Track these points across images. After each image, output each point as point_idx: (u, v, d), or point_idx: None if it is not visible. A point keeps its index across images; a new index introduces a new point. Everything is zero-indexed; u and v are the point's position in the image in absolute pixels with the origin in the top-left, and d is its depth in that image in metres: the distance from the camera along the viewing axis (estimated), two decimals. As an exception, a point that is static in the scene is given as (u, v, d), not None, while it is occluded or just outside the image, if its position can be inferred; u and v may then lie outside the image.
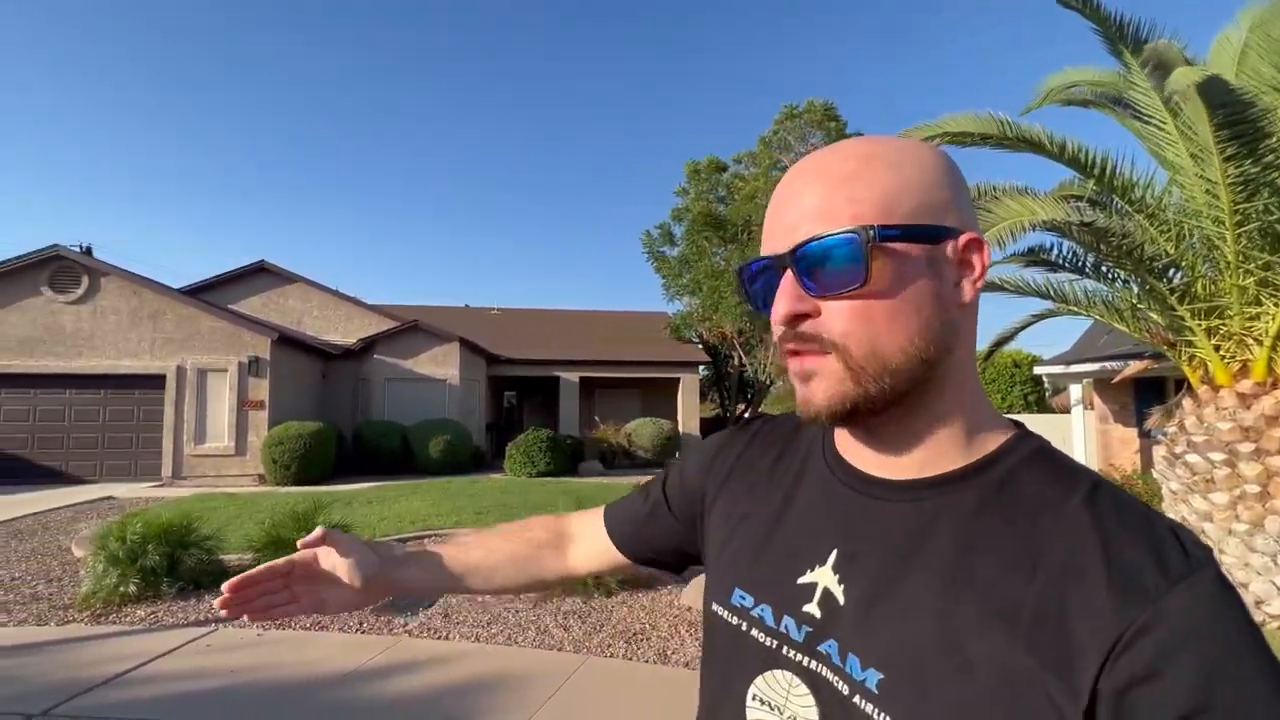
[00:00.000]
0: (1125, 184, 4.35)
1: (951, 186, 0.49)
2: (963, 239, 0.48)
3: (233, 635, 4.14)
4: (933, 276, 0.48)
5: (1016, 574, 0.44)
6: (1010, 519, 0.46)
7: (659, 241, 20.75)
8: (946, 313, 0.48)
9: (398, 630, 4.26)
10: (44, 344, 11.67)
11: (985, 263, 0.48)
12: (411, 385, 15.05)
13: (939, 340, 0.48)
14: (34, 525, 7.60)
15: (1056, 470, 0.48)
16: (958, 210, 0.49)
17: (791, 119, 15.81)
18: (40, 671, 3.58)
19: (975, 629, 0.43)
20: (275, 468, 11.42)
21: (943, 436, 0.50)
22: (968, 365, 0.50)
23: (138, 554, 4.74)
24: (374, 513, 8.08)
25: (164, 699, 3.25)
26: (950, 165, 0.50)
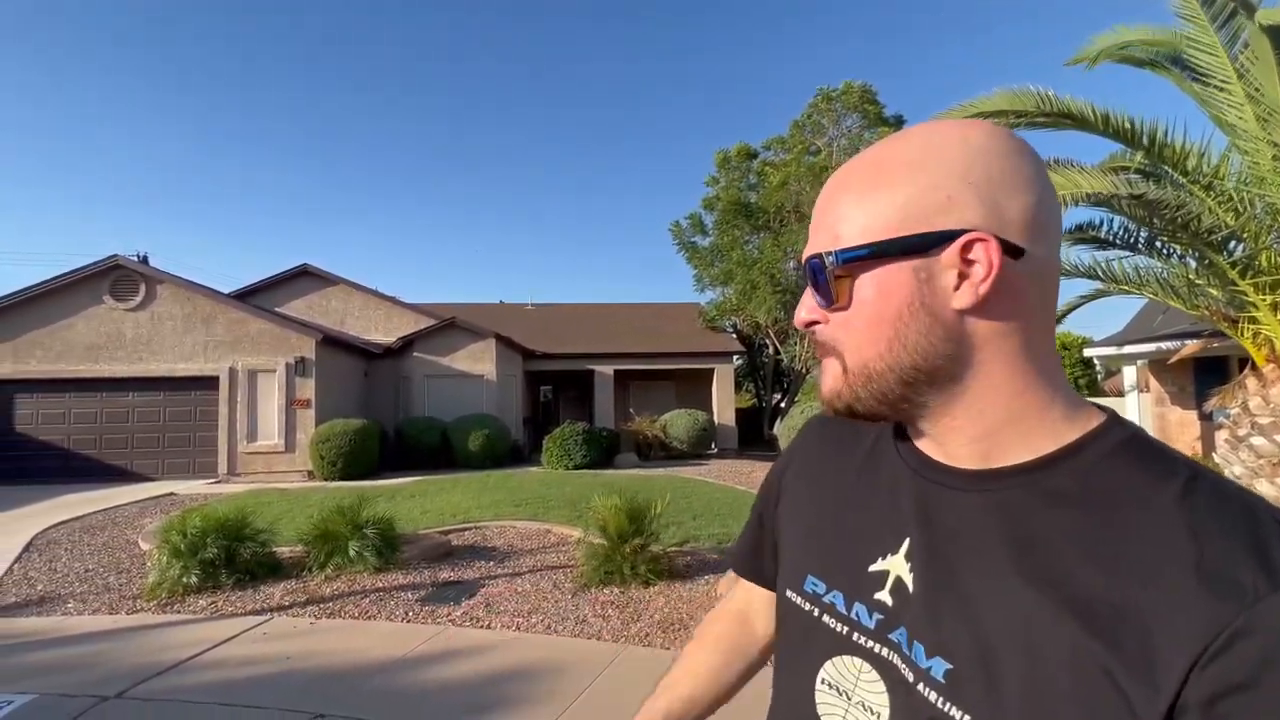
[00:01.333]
0: (1178, 153, 4.13)
1: (969, 180, 0.46)
2: (961, 241, 0.45)
3: (287, 624, 4.32)
4: (917, 287, 0.47)
5: (1096, 568, 0.42)
6: (1091, 511, 0.44)
7: (689, 231, 20.61)
8: (941, 320, 0.47)
9: (442, 619, 4.37)
10: (107, 350, 12.32)
11: (993, 261, 0.45)
12: (450, 382, 15.36)
13: (931, 349, 0.48)
14: (103, 520, 8.06)
15: (1148, 460, 0.46)
16: (969, 207, 0.46)
17: (827, 101, 15.46)
18: (113, 658, 3.81)
19: (1049, 623, 0.42)
20: (323, 464, 11.82)
21: (996, 429, 0.49)
22: (1009, 362, 0.48)
23: (198, 547, 4.98)
24: (416, 506, 8.30)
25: (225, 683, 3.42)
26: (980, 152, 0.47)
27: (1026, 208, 0.46)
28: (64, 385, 12.30)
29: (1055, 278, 0.50)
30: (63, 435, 12.29)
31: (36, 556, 6.26)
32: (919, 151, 0.48)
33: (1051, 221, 0.48)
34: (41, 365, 12.15)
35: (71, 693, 3.29)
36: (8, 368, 12.08)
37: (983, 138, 0.48)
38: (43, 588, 5.27)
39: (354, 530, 5.37)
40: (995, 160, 0.47)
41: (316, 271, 17.09)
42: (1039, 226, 0.47)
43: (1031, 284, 0.47)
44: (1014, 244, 0.45)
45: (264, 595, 4.88)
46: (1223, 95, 3.94)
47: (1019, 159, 0.47)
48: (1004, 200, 0.46)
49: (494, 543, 6.48)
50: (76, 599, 4.96)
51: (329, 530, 5.39)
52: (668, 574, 5.12)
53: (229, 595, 4.88)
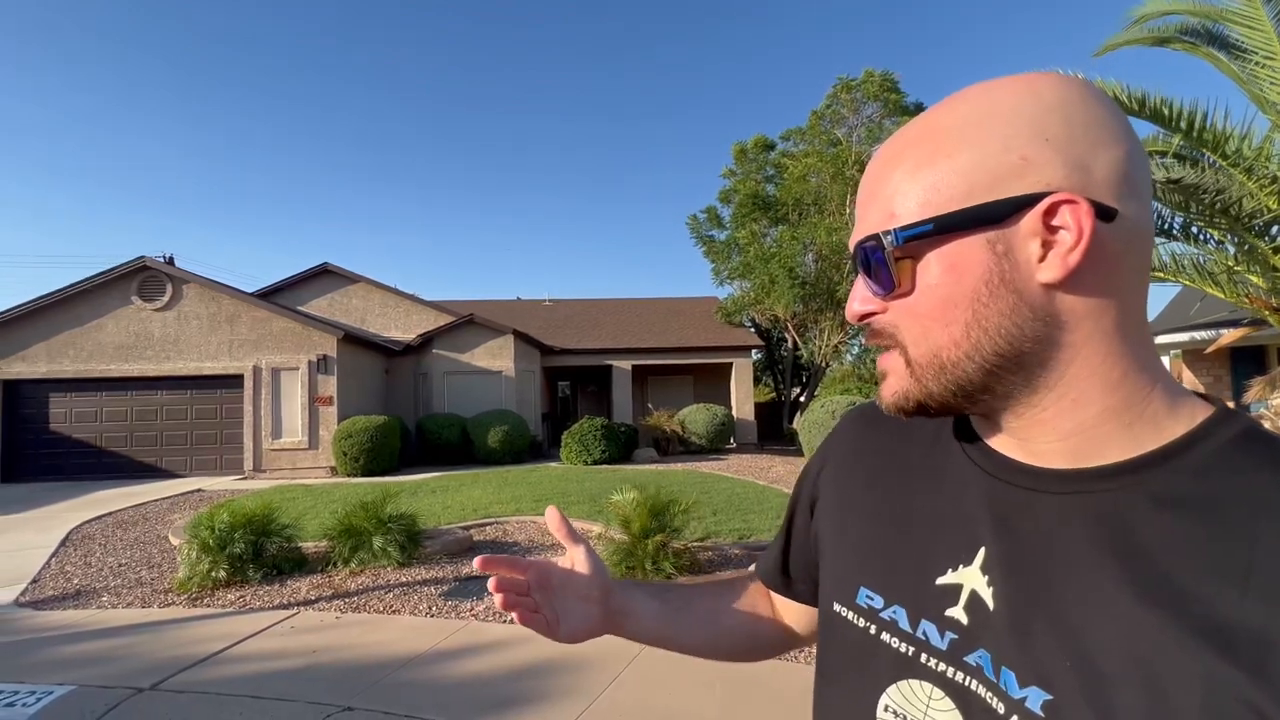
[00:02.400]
0: (1218, 136, 3.99)
1: (1046, 136, 0.40)
2: (1043, 205, 0.39)
3: (314, 618, 4.38)
4: (994, 261, 0.41)
5: (1226, 585, 0.36)
6: (1211, 517, 0.38)
7: (707, 225, 20.52)
8: (1026, 297, 0.41)
9: (465, 615, 4.40)
10: (136, 349, 12.60)
11: (1084, 225, 0.39)
12: (469, 378, 15.47)
13: (1017, 331, 0.42)
14: (135, 516, 8.25)
15: (1272, 458, 0.39)
16: (1049, 165, 0.40)
17: (847, 91, 15.22)
18: (147, 650, 3.88)
19: (1173, 649, 0.36)
20: (345, 460, 11.98)
21: (1093, 422, 0.43)
22: (1105, 343, 0.42)
23: (226, 542, 5.06)
24: (438, 501, 8.37)
25: (255, 676, 3.47)
26: (1057, 104, 0.41)
27: (1117, 161, 0.40)
28: (95, 384, 12.61)
29: (1150, 241, 0.43)
30: (95, 433, 12.61)
31: (72, 551, 6.42)
32: (982, 111, 0.42)
33: (1143, 176, 0.42)
34: (74, 365, 12.46)
35: (108, 684, 3.36)
36: (42, 368, 12.41)
37: (1057, 88, 0.42)
38: (78, 582, 5.40)
39: (378, 526, 5.42)
40: (1077, 110, 0.41)
41: (337, 270, 17.29)
42: (1131, 183, 0.41)
43: (1127, 250, 0.41)
44: (1105, 205, 0.39)
45: (290, 590, 4.95)
46: (1265, 71, 3.80)
47: (1101, 107, 0.42)
48: (1090, 155, 0.40)
49: (515, 538, 6.50)
50: (111, 593, 5.07)
51: (353, 526, 5.45)
52: (690, 569, 5.10)
53: (257, 589, 4.95)
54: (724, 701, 3.17)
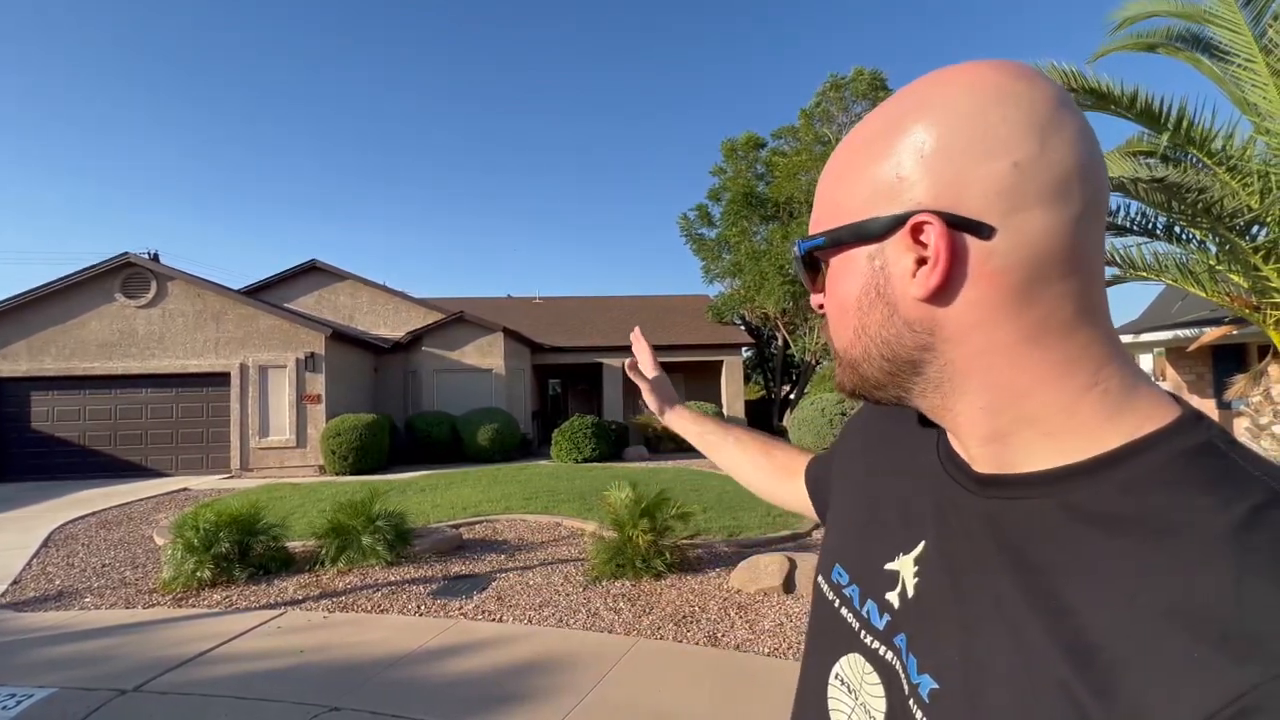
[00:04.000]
0: (1204, 135, 4.04)
1: (920, 153, 0.40)
2: (909, 225, 0.40)
3: (300, 618, 4.34)
4: (872, 274, 0.43)
5: (1108, 606, 0.35)
6: (1118, 535, 0.37)
7: (697, 223, 20.52)
8: (901, 310, 0.42)
9: (454, 613, 4.38)
10: (120, 347, 12.42)
11: (943, 246, 0.39)
12: (459, 376, 15.39)
13: (895, 338, 0.43)
14: (119, 516, 8.14)
15: (1213, 476, 0.37)
16: (920, 185, 0.40)
17: (836, 89, 15.26)
18: (131, 651, 3.84)
19: (1041, 660, 0.36)
20: (334, 458, 11.90)
21: (1004, 429, 0.42)
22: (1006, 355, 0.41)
23: (211, 542, 5.01)
24: (427, 500, 8.33)
25: (240, 676, 3.44)
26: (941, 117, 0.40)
27: (1000, 175, 0.38)
28: (78, 383, 12.42)
29: (1076, 251, 0.39)
30: (78, 432, 12.43)
31: (54, 552, 6.33)
32: (888, 122, 0.42)
33: (1046, 182, 0.38)
34: (56, 363, 12.27)
35: (90, 686, 3.32)
36: (23, 366, 12.21)
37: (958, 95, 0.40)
38: (60, 582, 5.33)
39: (366, 524, 5.38)
40: (966, 123, 0.39)
41: (325, 267, 17.14)
42: (1022, 194, 0.38)
43: (1021, 264, 0.39)
44: (978, 221, 0.38)
45: (277, 589, 4.91)
46: (1247, 75, 3.85)
47: (1001, 114, 0.39)
48: (969, 171, 0.39)
49: (505, 536, 6.49)
50: (94, 593, 5.01)
51: (341, 524, 5.41)
52: (679, 566, 5.11)
53: (243, 589, 4.91)
54: (715, 698, 3.18)
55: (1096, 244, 0.41)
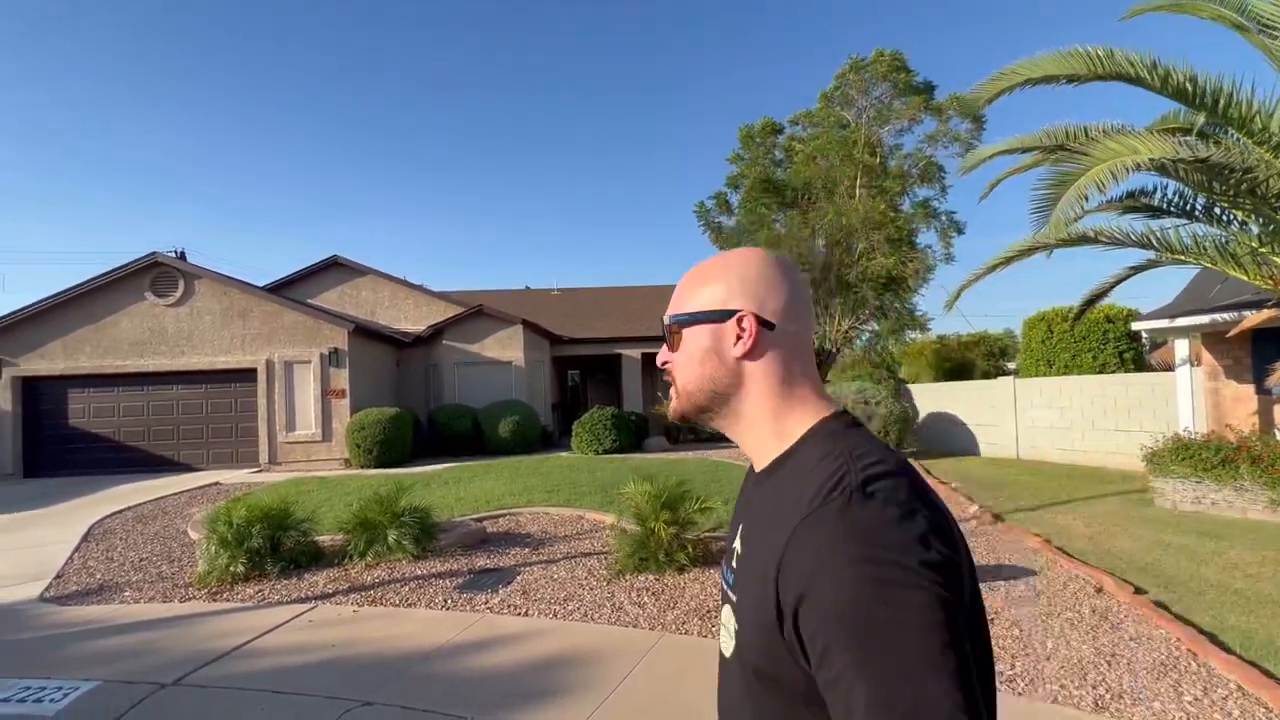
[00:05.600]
0: (1243, 114, 3.86)
1: (741, 284, 0.75)
2: (735, 316, 0.73)
3: (331, 612, 4.42)
4: (714, 341, 0.75)
5: (782, 530, 0.61)
6: (786, 487, 0.67)
7: (715, 212, 20.31)
8: (725, 364, 0.75)
9: (480, 607, 4.43)
10: (151, 345, 12.72)
11: (749, 329, 0.73)
12: (479, 369, 15.51)
13: (720, 380, 0.75)
14: (154, 510, 8.36)
15: (827, 442, 0.68)
16: (743, 297, 0.74)
17: (856, 71, 14.92)
18: (169, 645, 3.94)
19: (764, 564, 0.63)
20: (359, 452, 12.08)
21: (758, 438, 0.76)
22: (766, 389, 0.74)
23: (244, 537, 5.12)
24: (451, 493, 8.42)
25: (275, 670, 3.51)
26: (747, 269, 0.76)
27: (779, 301, 0.74)
28: (112, 380, 12.75)
29: (805, 345, 0.76)
30: (113, 428, 12.78)
31: (94, 546, 6.52)
32: (721, 268, 0.77)
33: (797, 312, 0.75)
34: (90, 361, 12.61)
35: (132, 679, 3.42)
36: (59, 365, 12.56)
37: (757, 262, 0.76)
38: (100, 577, 5.49)
39: (392, 519, 5.45)
40: (762, 274, 0.75)
41: (346, 263, 17.34)
42: (789, 312, 0.74)
43: (784, 346, 0.74)
44: (769, 320, 0.73)
45: (308, 583, 5.00)
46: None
47: (776, 272, 0.75)
48: (765, 296, 0.74)
49: (528, 529, 6.53)
50: (132, 587, 5.15)
51: (368, 519, 5.49)
52: (702, 560, 5.10)
53: (275, 583, 5.01)
54: (740, 694, 3.17)
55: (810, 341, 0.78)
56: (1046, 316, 14.04)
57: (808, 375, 0.75)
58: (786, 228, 16.22)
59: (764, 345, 0.73)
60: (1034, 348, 14.20)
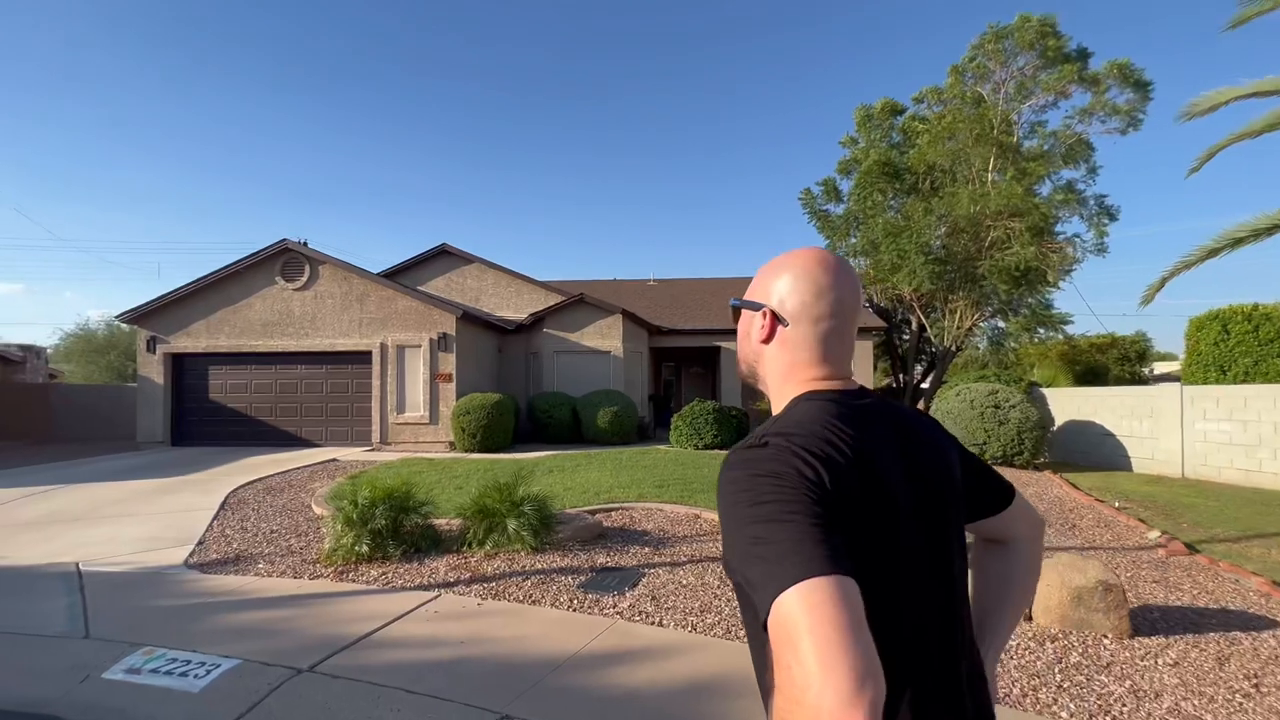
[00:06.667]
0: None
1: (771, 283, 0.97)
2: (764, 309, 0.96)
3: (455, 603, 4.23)
4: (748, 327, 1.00)
5: None
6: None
7: (822, 199, 19.23)
8: (752, 345, 1.00)
9: (609, 610, 4.08)
10: (279, 326, 13.53)
11: (767, 325, 0.96)
12: (578, 357, 15.45)
13: (748, 357, 1.02)
14: (281, 483, 8.75)
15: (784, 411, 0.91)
16: (774, 295, 0.96)
17: (996, 40, 13.43)
18: (302, 626, 3.86)
19: None
20: (463, 436, 12.28)
21: (774, 405, 0.97)
22: (775, 369, 0.97)
23: (368, 517, 5.07)
24: (557, 482, 8.24)
25: (406, 666, 3.30)
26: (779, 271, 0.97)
27: (794, 304, 0.94)
28: (245, 358, 13.70)
29: (811, 342, 0.93)
30: (245, 403, 13.72)
31: (230, 515, 6.81)
32: (766, 268, 1.00)
33: (806, 314, 0.93)
34: (228, 340, 13.58)
35: (269, 661, 3.32)
36: (203, 343, 13.62)
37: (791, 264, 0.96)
38: (236, 546, 5.65)
39: (511, 508, 5.25)
40: (785, 282, 0.95)
41: (454, 251, 17.81)
42: (802, 313, 0.93)
43: (794, 340, 0.94)
44: (783, 318, 0.95)
45: (429, 569, 4.87)
46: None
47: (796, 282, 0.94)
48: (784, 299, 0.95)
49: (644, 525, 6.18)
50: (265, 560, 5.24)
51: (487, 506, 5.32)
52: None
53: (397, 567, 4.91)
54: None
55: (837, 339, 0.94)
56: (1221, 315, 12.14)
57: (816, 359, 0.93)
58: (905, 215, 14.98)
59: (778, 336, 0.95)
60: (1203, 351, 12.33)
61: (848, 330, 0.94)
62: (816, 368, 0.92)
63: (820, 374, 0.91)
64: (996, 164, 14.02)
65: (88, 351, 29.35)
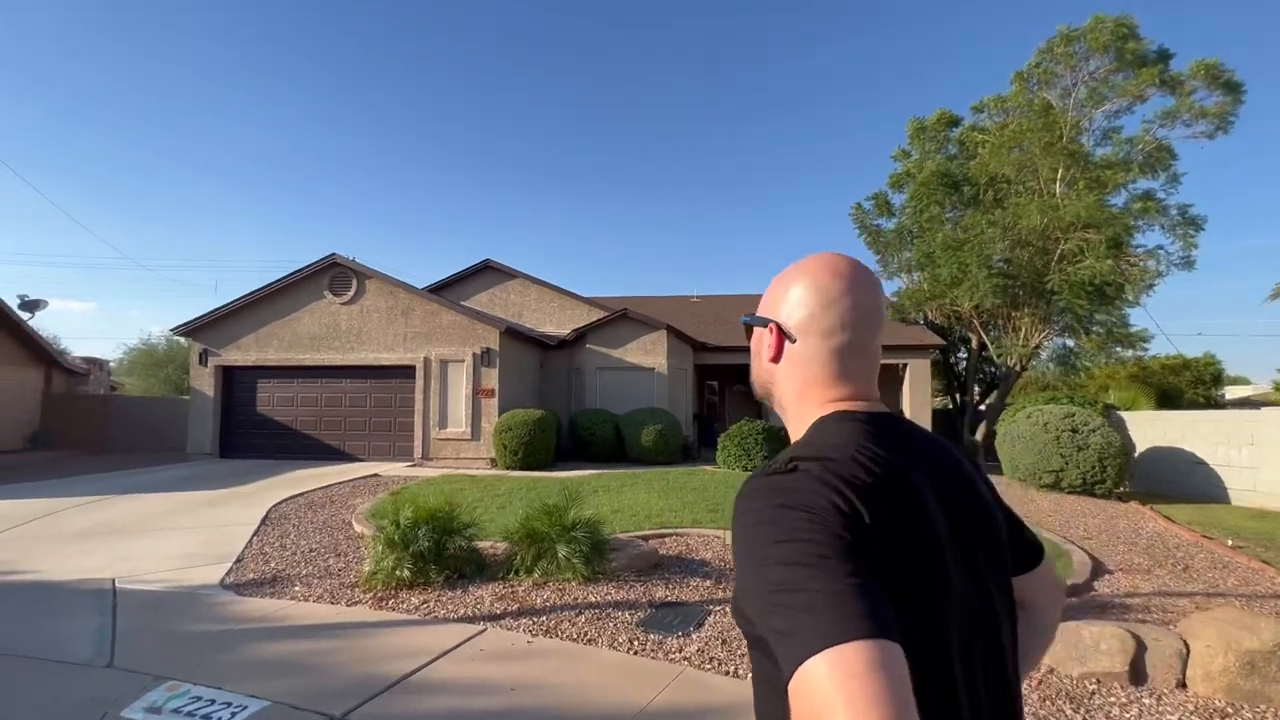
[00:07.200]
0: None
1: (778, 297, 0.87)
2: (770, 325, 0.87)
3: (503, 639, 3.81)
4: (758, 344, 0.90)
5: None
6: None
7: (872, 214, 18.59)
8: (762, 364, 0.90)
9: (675, 656, 3.60)
10: (326, 340, 13.58)
11: (774, 343, 0.86)
12: (621, 374, 15.08)
13: (764, 378, 0.91)
14: (323, 499, 8.56)
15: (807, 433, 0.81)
16: (781, 309, 0.86)
17: (1066, 43, 12.69)
18: (338, 660, 3.50)
19: None
20: (505, 453, 11.98)
21: (792, 427, 0.86)
22: (789, 390, 0.86)
23: (409, 540, 4.73)
24: (604, 504, 7.81)
25: (451, 714, 2.90)
26: (789, 283, 0.86)
27: (801, 318, 0.84)
28: (293, 372, 13.76)
29: (824, 358, 0.83)
30: (291, 417, 13.77)
31: (270, 531, 6.59)
32: (778, 285, 0.88)
33: (815, 328, 0.83)
34: (277, 354, 13.69)
35: (299, 704, 2.96)
36: (252, 356, 13.77)
37: (795, 285, 0.85)
38: (274, 565, 5.39)
39: (562, 532, 4.84)
40: (793, 294, 0.85)
41: (498, 266, 17.77)
42: (807, 328, 0.83)
43: (804, 357, 0.84)
44: (791, 334, 0.85)
45: (474, 598, 4.48)
46: None
47: (803, 293, 0.84)
48: (790, 312, 0.85)
49: (701, 554, 5.68)
50: (302, 581, 4.94)
51: (535, 530, 4.92)
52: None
53: (439, 594, 4.54)
54: None
55: (854, 354, 0.83)
56: (1329, 334, 11.03)
57: (832, 378, 0.82)
58: (965, 228, 14.23)
59: (787, 353, 0.86)
60: (1309, 373, 11.18)
61: (867, 344, 0.83)
62: (834, 388, 0.82)
63: (838, 394, 0.82)
64: (1066, 174, 13.19)
65: (148, 365, 30.46)
